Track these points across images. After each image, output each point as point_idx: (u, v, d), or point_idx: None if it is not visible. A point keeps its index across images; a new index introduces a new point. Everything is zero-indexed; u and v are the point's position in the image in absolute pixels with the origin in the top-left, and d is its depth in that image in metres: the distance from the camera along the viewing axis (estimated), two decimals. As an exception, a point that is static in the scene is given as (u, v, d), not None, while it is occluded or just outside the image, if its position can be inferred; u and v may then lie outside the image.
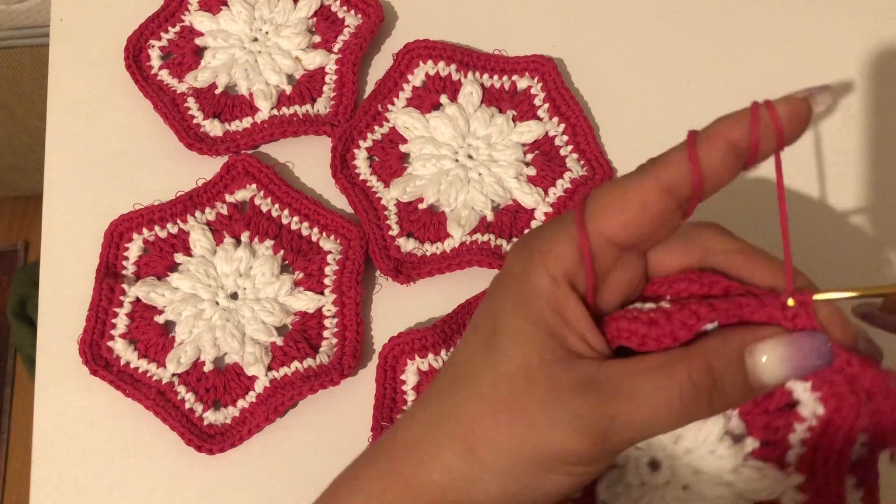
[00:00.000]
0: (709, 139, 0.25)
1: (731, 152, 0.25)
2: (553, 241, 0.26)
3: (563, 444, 0.25)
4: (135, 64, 0.52)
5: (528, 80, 0.51)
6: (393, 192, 0.48)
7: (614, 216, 0.26)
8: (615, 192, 0.26)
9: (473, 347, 0.27)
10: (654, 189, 0.25)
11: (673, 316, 0.26)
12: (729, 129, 0.25)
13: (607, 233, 0.26)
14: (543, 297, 0.26)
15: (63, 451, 0.44)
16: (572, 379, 0.25)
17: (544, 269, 0.26)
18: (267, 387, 0.44)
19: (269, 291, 0.46)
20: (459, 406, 0.27)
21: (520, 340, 0.26)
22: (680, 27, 0.53)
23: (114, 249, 0.47)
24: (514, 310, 0.26)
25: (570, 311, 0.26)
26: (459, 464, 0.26)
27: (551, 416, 0.25)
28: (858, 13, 0.53)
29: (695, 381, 0.25)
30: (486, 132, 0.49)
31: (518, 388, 0.26)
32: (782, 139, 0.26)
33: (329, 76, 0.52)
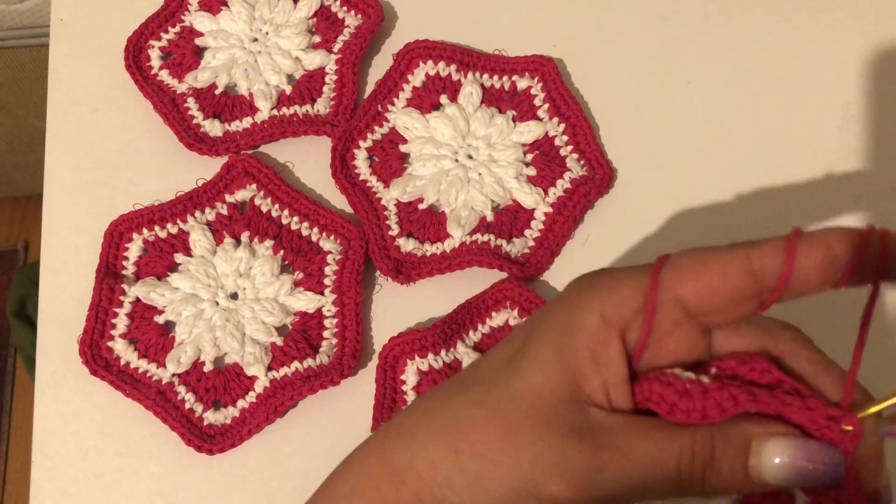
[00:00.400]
0: (812, 240, 0.24)
1: (828, 261, 0.24)
2: (619, 282, 0.26)
3: (541, 482, 0.25)
4: (135, 64, 0.52)
5: (528, 80, 0.51)
6: (393, 192, 0.48)
7: (691, 277, 0.25)
8: (699, 256, 0.25)
9: (497, 357, 0.27)
10: (740, 266, 0.24)
11: (710, 393, 0.25)
12: (835, 240, 0.24)
13: (678, 292, 0.25)
14: (585, 332, 0.26)
15: (63, 451, 0.44)
16: (574, 421, 0.25)
17: (600, 305, 0.26)
18: (267, 387, 0.44)
19: (269, 291, 0.46)
20: (462, 407, 0.27)
21: (541, 367, 0.26)
22: (680, 27, 0.53)
23: (114, 249, 0.47)
24: (549, 336, 0.26)
25: (607, 357, 0.26)
26: (442, 460, 0.26)
27: (540, 450, 0.25)
28: (858, 13, 0.53)
29: (695, 451, 0.24)
30: (486, 132, 0.49)
31: (521, 410, 0.25)
32: (885, 272, 0.24)
33: (329, 76, 0.52)
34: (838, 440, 0.24)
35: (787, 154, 0.49)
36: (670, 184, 0.49)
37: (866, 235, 0.24)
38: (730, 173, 0.49)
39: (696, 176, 0.49)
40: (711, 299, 0.25)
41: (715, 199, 0.49)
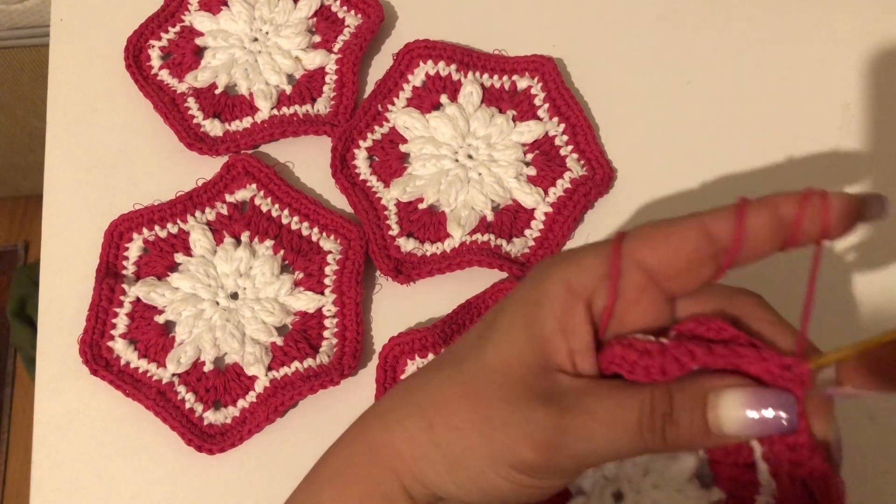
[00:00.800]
0: (759, 205, 0.26)
1: (775, 223, 0.25)
2: (582, 254, 0.27)
3: (512, 447, 0.25)
4: (135, 64, 0.52)
5: (528, 80, 0.51)
6: (393, 192, 0.48)
7: (651, 244, 0.26)
8: (659, 225, 0.27)
9: (470, 335, 0.28)
10: (696, 229, 0.26)
11: (668, 350, 0.26)
12: (780, 203, 0.26)
13: (639, 256, 0.26)
14: (552, 302, 0.26)
15: (63, 451, 0.44)
16: (541, 387, 0.26)
17: (564, 275, 0.27)
18: (267, 387, 0.44)
19: (270, 291, 0.46)
20: (437, 384, 0.27)
21: (510, 338, 0.27)
22: (680, 27, 0.53)
23: (114, 249, 0.47)
24: (517, 309, 0.27)
25: (573, 325, 0.26)
26: (418, 436, 0.27)
27: (508, 416, 0.26)
28: (858, 13, 0.53)
29: (654, 405, 0.25)
30: (486, 132, 0.49)
31: (491, 381, 0.26)
32: (826, 230, 0.25)
33: (329, 76, 0.52)
34: (792, 387, 0.24)
35: (787, 154, 0.49)
36: (670, 184, 0.49)
37: (805, 196, 0.25)
38: (729, 173, 0.49)
39: (696, 176, 0.49)
40: (672, 261, 0.26)
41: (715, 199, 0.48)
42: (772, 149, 0.50)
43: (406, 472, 0.27)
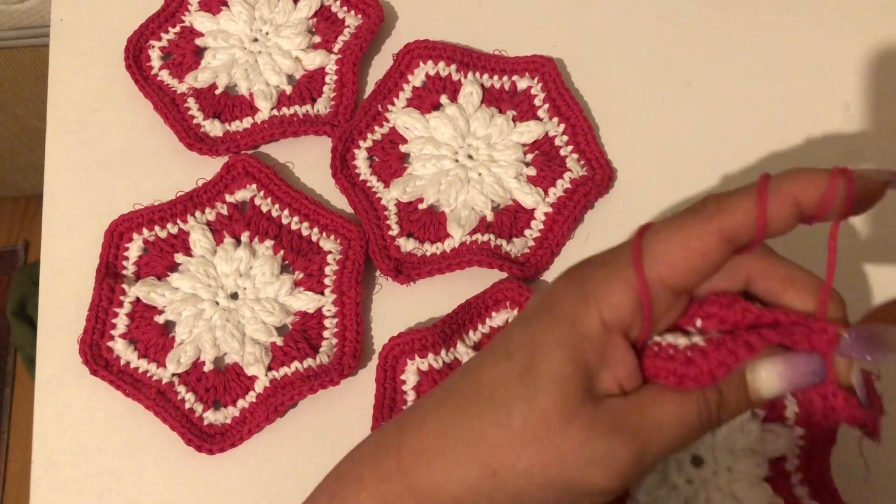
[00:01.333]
0: (780, 195, 0.25)
1: (796, 210, 0.25)
2: (609, 287, 0.27)
3: (596, 482, 0.26)
4: (135, 64, 0.52)
5: (528, 80, 0.51)
6: (393, 192, 0.48)
7: (674, 264, 0.26)
8: (676, 238, 0.26)
9: (506, 375, 0.27)
10: (717, 240, 0.26)
11: (710, 355, 0.27)
12: (802, 190, 0.25)
13: (665, 279, 0.26)
14: (592, 342, 0.26)
15: (63, 451, 0.44)
16: (605, 419, 0.26)
17: (598, 315, 0.27)
18: (267, 387, 0.44)
19: (269, 291, 0.46)
20: (485, 430, 0.27)
21: (560, 381, 0.26)
22: (680, 27, 0.53)
23: (114, 249, 0.47)
24: (558, 350, 0.27)
25: (616, 357, 0.27)
26: (479, 484, 0.27)
27: (586, 455, 0.26)
28: (858, 13, 0.53)
29: (708, 399, 0.26)
30: (486, 132, 0.49)
31: (553, 425, 0.26)
32: (849, 211, 0.26)
33: (329, 76, 0.52)
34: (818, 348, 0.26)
35: (787, 154, 0.49)
36: (670, 184, 0.49)
37: (833, 180, 0.25)
38: (729, 173, 0.49)
39: (696, 176, 0.49)
40: (697, 277, 0.26)
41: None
42: (772, 149, 0.50)
43: None
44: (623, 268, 0.27)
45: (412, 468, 0.28)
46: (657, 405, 0.27)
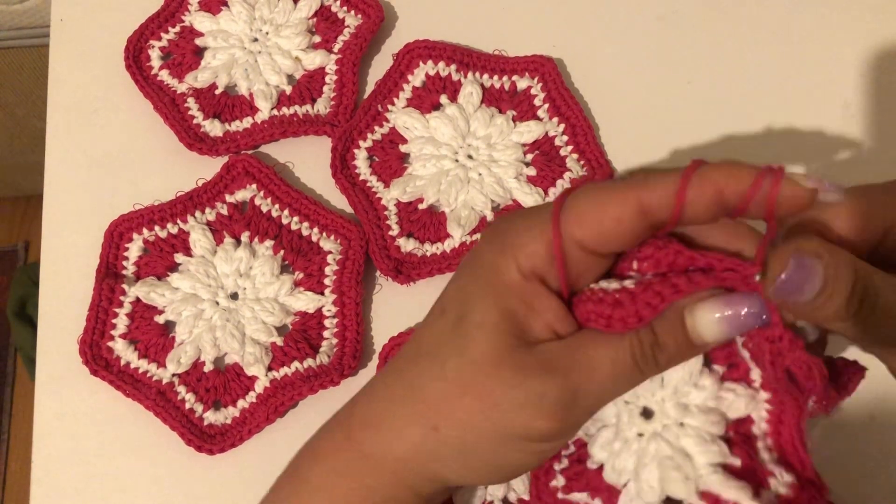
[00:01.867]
0: (703, 183, 0.25)
1: (718, 203, 0.25)
2: (527, 237, 0.27)
3: (529, 424, 0.26)
4: (135, 64, 0.52)
5: (528, 80, 0.51)
6: (393, 192, 0.48)
7: (589, 226, 0.26)
8: (595, 200, 0.26)
9: (440, 330, 0.28)
10: (633, 209, 0.26)
11: (637, 297, 0.27)
12: (726, 182, 0.25)
13: (579, 238, 0.27)
14: (514, 290, 0.27)
15: (63, 451, 0.44)
16: (536, 362, 0.27)
17: (515, 264, 0.27)
18: (267, 387, 0.44)
19: (269, 291, 0.46)
20: (424, 386, 0.28)
21: (488, 328, 0.27)
22: (680, 27, 0.53)
23: (114, 249, 0.47)
24: (484, 299, 0.28)
25: (540, 304, 0.27)
26: (423, 440, 0.28)
27: (517, 397, 0.26)
28: (858, 13, 0.53)
29: (642, 340, 0.27)
30: (486, 132, 0.49)
31: (485, 371, 0.27)
32: (771, 215, 0.25)
33: (329, 76, 0.52)
34: (757, 289, 0.26)
35: (787, 154, 0.49)
36: (670, 184, 0.49)
37: (758, 180, 0.24)
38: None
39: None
40: (609, 242, 0.27)
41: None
42: (772, 149, 0.50)
43: (411, 475, 0.28)
44: (542, 221, 0.27)
45: (361, 435, 0.29)
46: (589, 346, 0.27)
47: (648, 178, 0.26)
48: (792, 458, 0.28)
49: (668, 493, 0.29)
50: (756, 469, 0.29)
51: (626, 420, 0.31)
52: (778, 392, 0.28)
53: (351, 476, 0.29)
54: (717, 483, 0.28)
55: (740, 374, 0.29)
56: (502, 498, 0.41)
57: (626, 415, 0.31)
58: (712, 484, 0.28)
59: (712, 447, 0.29)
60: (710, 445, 0.29)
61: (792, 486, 0.28)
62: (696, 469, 0.29)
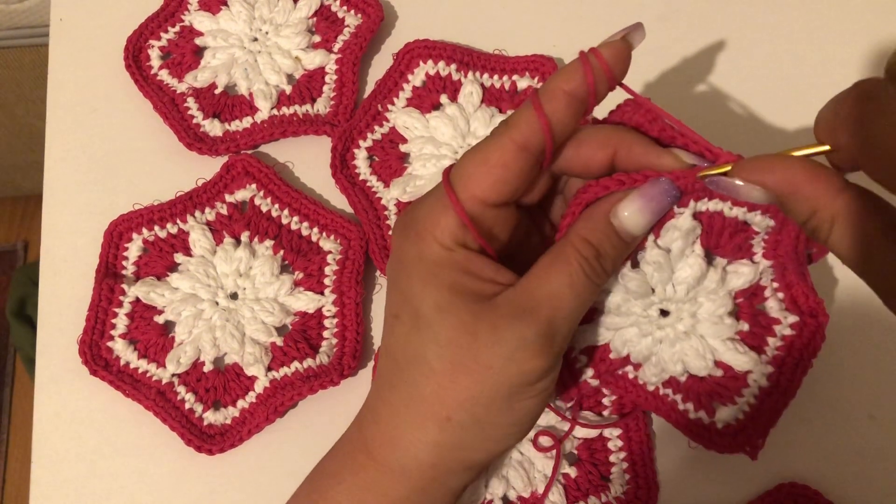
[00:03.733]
0: (550, 95, 0.28)
1: (572, 102, 0.28)
2: (434, 215, 0.29)
3: (523, 369, 0.28)
4: (135, 64, 0.52)
5: (528, 80, 0.51)
6: (393, 192, 0.48)
7: (481, 181, 0.28)
8: (477, 158, 0.29)
9: (405, 333, 0.29)
10: (511, 149, 0.28)
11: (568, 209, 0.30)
12: (566, 82, 0.28)
13: (480, 195, 0.28)
14: (446, 265, 0.29)
15: (63, 451, 0.44)
16: (504, 313, 0.28)
17: (435, 241, 0.29)
18: (267, 387, 0.44)
19: (269, 291, 0.46)
20: (417, 388, 0.29)
21: (443, 308, 0.28)
22: (680, 27, 0.53)
23: (114, 249, 0.47)
24: (425, 287, 0.29)
25: (474, 265, 0.29)
26: (442, 435, 0.28)
27: (502, 352, 0.28)
28: (858, 13, 0.53)
29: (583, 255, 0.28)
30: (486, 132, 0.49)
31: (462, 345, 0.28)
32: (613, 80, 0.29)
33: (329, 76, 0.52)
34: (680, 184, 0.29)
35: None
36: (670, 184, 0.49)
37: (585, 61, 0.28)
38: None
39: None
40: (505, 188, 0.29)
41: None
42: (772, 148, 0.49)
43: (442, 475, 0.29)
44: (439, 196, 0.29)
45: (382, 453, 0.30)
46: (543, 280, 0.28)
47: (509, 120, 0.29)
48: (796, 291, 0.32)
49: (689, 370, 0.34)
50: (761, 326, 0.33)
51: (647, 321, 0.33)
52: (777, 257, 0.31)
53: (382, 493, 0.29)
54: (729, 355, 0.33)
55: (744, 252, 0.32)
56: (502, 496, 0.41)
57: (645, 322, 0.34)
58: (725, 355, 0.33)
59: (722, 327, 0.33)
60: (720, 326, 0.33)
61: (795, 325, 0.33)
62: (712, 345, 0.33)
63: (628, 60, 0.28)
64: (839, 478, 0.42)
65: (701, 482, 0.42)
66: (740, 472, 0.42)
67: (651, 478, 0.42)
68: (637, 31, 0.29)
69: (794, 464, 0.42)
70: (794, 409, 0.44)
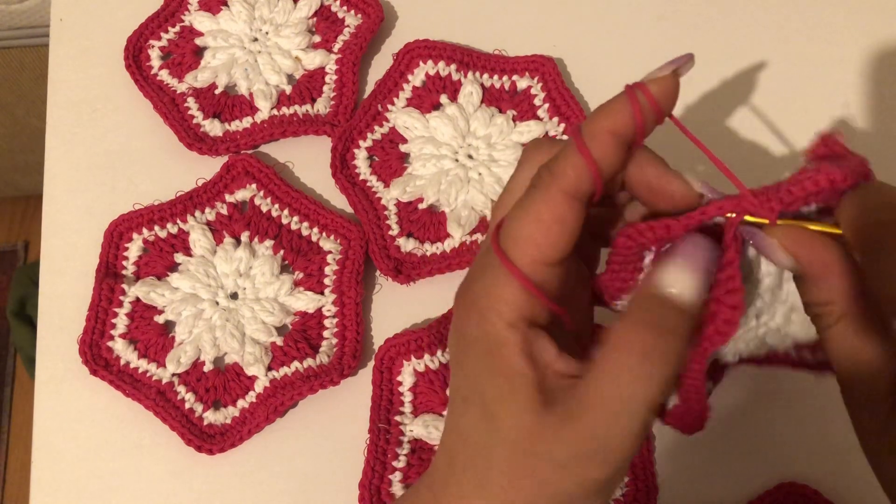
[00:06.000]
0: (596, 137, 0.26)
1: (619, 143, 0.26)
2: (496, 289, 0.27)
3: (582, 479, 0.26)
4: (135, 64, 0.52)
5: (528, 80, 0.51)
6: (393, 192, 0.48)
7: (539, 241, 0.26)
8: (529, 217, 0.26)
9: (474, 422, 0.27)
10: (564, 201, 0.26)
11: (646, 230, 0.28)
12: (612, 122, 0.26)
13: (540, 258, 0.26)
14: (511, 347, 0.26)
15: (63, 451, 0.44)
16: (562, 419, 0.26)
17: (500, 319, 0.26)
18: (267, 387, 0.44)
19: (269, 291, 0.46)
20: (487, 481, 0.27)
21: (508, 403, 0.26)
22: (680, 27, 0.53)
23: (114, 249, 0.47)
24: (491, 375, 0.27)
25: (535, 349, 0.27)
26: None
27: (561, 458, 0.26)
28: (858, 13, 0.53)
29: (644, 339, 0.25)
30: (486, 132, 0.49)
31: (525, 449, 0.26)
32: (661, 116, 0.27)
33: (329, 76, 0.52)
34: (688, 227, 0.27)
35: (787, 154, 0.49)
36: (670, 184, 0.49)
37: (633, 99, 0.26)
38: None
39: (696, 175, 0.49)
40: (565, 243, 0.26)
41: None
42: (772, 149, 0.50)
43: None
44: (497, 268, 0.27)
45: None
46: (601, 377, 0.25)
47: (553, 168, 0.27)
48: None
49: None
50: None
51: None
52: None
53: None
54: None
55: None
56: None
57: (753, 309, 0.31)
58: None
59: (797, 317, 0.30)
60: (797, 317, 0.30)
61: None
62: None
63: (677, 94, 0.27)
64: (839, 478, 0.42)
65: (701, 482, 0.42)
66: (740, 472, 0.42)
67: (651, 480, 0.42)
68: (687, 63, 0.28)
69: (794, 464, 0.42)
70: (794, 409, 0.44)
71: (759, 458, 0.43)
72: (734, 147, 0.50)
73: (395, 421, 0.43)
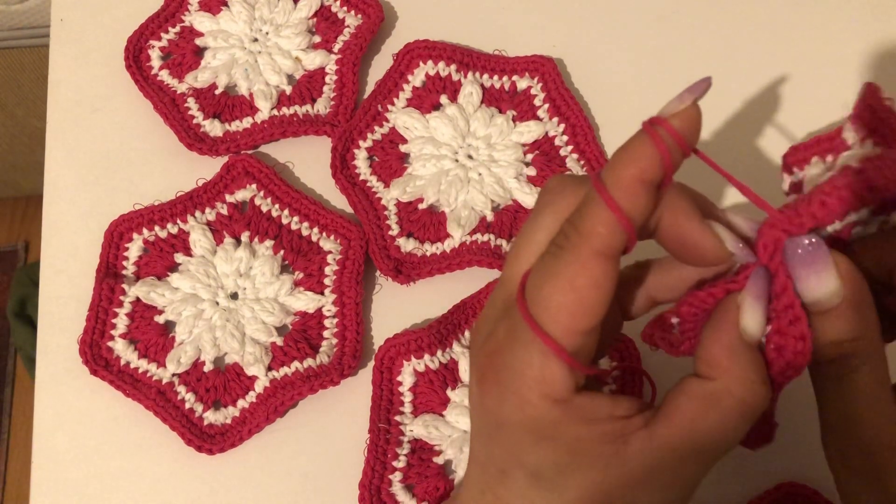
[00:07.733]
0: (622, 186, 0.24)
1: (648, 189, 0.24)
2: (532, 368, 0.24)
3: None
4: (135, 64, 0.52)
5: (528, 80, 0.51)
6: (393, 192, 0.48)
7: (574, 310, 0.24)
8: (561, 284, 0.24)
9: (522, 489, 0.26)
10: (597, 265, 0.24)
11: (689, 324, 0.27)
12: (638, 168, 0.24)
13: (573, 327, 0.24)
14: (561, 422, 0.25)
15: (63, 451, 0.44)
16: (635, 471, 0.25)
17: (544, 399, 0.25)
18: (267, 387, 0.44)
19: (269, 291, 0.46)
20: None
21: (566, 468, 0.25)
22: (680, 27, 0.53)
23: (114, 249, 0.47)
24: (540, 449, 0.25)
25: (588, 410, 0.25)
26: None
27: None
28: (858, 13, 0.53)
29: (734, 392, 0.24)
30: (486, 132, 0.49)
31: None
32: (688, 150, 0.25)
33: (329, 76, 0.52)
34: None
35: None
36: (670, 184, 0.49)
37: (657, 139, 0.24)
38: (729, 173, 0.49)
39: (695, 176, 0.49)
40: (601, 306, 0.24)
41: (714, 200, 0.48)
42: (772, 149, 0.50)
43: None
44: (529, 343, 0.24)
45: None
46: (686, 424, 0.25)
47: (580, 227, 0.24)
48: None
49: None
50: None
51: None
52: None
53: None
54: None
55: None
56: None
57: None
58: None
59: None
60: None
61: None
62: None
63: (700, 126, 0.25)
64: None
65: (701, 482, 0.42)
66: (740, 471, 0.42)
67: None
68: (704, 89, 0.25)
69: (794, 464, 0.42)
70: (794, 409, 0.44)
71: (759, 458, 0.43)
72: (733, 147, 0.50)
73: (395, 421, 0.43)
